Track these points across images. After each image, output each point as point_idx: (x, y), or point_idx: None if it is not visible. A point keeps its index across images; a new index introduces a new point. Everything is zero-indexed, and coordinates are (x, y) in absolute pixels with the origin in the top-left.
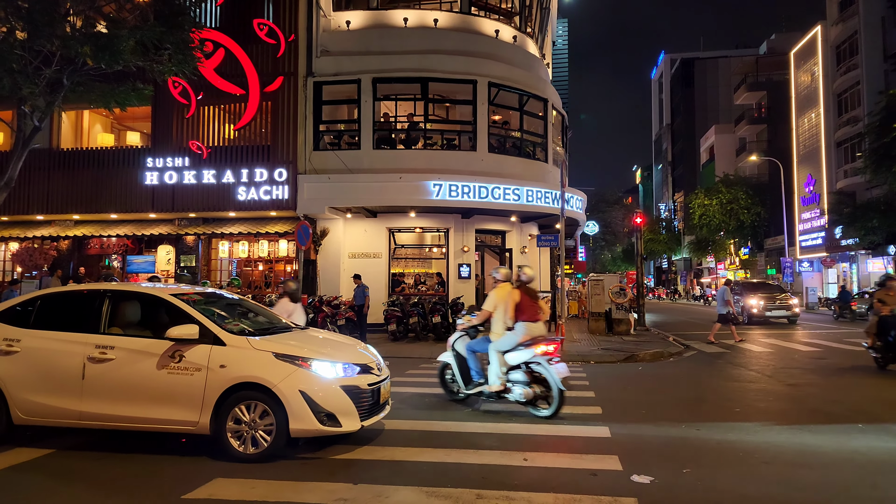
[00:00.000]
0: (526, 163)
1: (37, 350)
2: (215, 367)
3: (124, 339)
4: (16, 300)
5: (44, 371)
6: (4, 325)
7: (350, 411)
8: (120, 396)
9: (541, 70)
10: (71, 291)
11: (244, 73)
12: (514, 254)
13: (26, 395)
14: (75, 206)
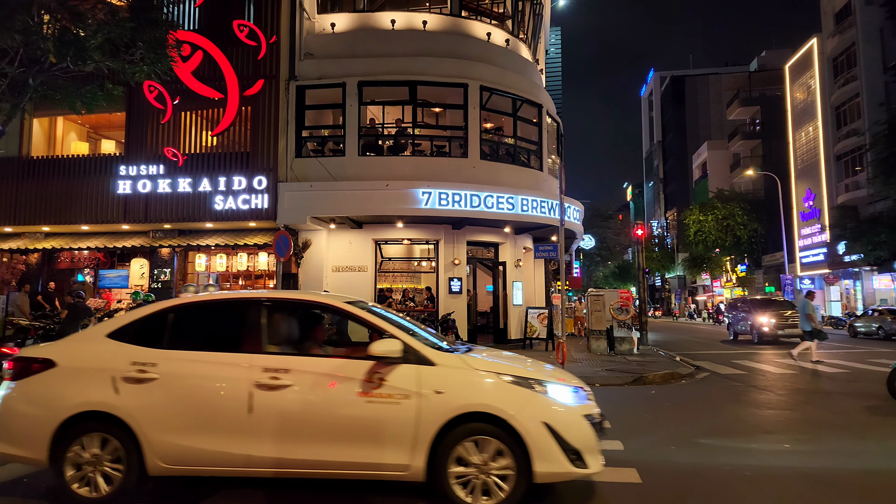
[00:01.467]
0: (520, 171)
1: (181, 377)
2: (429, 393)
3: (302, 360)
4: (138, 312)
5: (193, 404)
6: (132, 346)
7: (594, 447)
8: (302, 434)
9: (534, 75)
10: (216, 301)
11: (223, 77)
12: (508, 267)
13: (168, 437)
14: (45, 217)
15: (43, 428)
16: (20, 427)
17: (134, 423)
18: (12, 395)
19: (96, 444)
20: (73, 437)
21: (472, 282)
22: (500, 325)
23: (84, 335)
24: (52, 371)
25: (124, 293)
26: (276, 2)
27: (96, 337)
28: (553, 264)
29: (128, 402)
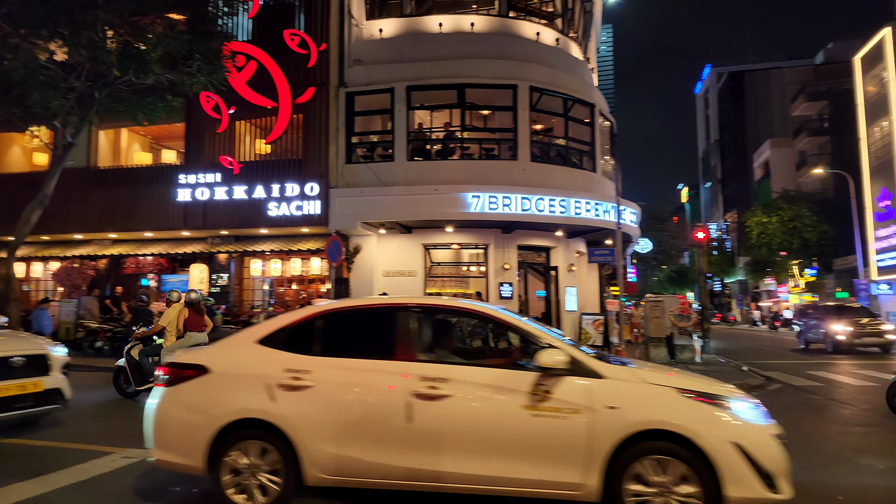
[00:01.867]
0: (572, 172)
1: (336, 385)
2: (601, 407)
3: (460, 369)
4: (286, 318)
5: (350, 413)
6: (284, 353)
7: (784, 470)
8: (465, 447)
9: (586, 74)
10: (365, 307)
11: (275, 86)
12: (561, 272)
13: (326, 446)
14: (112, 224)
15: (200, 435)
16: (177, 434)
17: (291, 431)
18: (168, 402)
19: (253, 452)
20: (229, 444)
21: (523, 287)
22: None
23: (233, 341)
24: (207, 377)
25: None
26: (326, 10)
27: (246, 343)
28: (607, 269)
29: (284, 409)
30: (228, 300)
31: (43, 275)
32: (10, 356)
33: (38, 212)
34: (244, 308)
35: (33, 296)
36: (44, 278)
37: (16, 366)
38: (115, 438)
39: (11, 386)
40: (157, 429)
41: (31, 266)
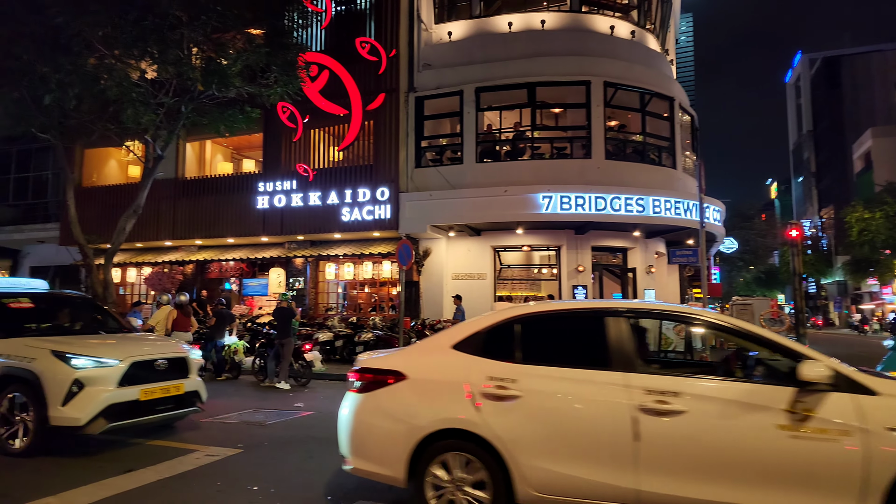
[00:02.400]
0: (650, 169)
1: (548, 395)
2: (878, 429)
3: (697, 383)
4: (481, 323)
5: (567, 426)
6: (484, 359)
7: None
8: (706, 470)
9: (664, 66)
10: (570, 310)
11: (347, 94)
12: (639, 274)
13: (541, 462)
14: (198, 231)
15: (401, 445)
16: (376, 443)
17: (500, 444)
18: (366, 409)
19: (457, 464)
20: (430, 455)
21: (599, 289)
22: None
23: (427, 346)
24: (404, 384)
25: (264, 300)
26: (396, 16)
27: (442, 348)
28: (689, 270)
29: (491, 420)
30: (304, 303)
31: (136, 279)
32: (155, 359)
33: (132, 221)
34: (319, 311)
35: (128, 299)
36: (137, 283)
37: (160, 369)
38: (198, 438)
39: (156, 389)
40: (355, 437)
41: (126, 271)
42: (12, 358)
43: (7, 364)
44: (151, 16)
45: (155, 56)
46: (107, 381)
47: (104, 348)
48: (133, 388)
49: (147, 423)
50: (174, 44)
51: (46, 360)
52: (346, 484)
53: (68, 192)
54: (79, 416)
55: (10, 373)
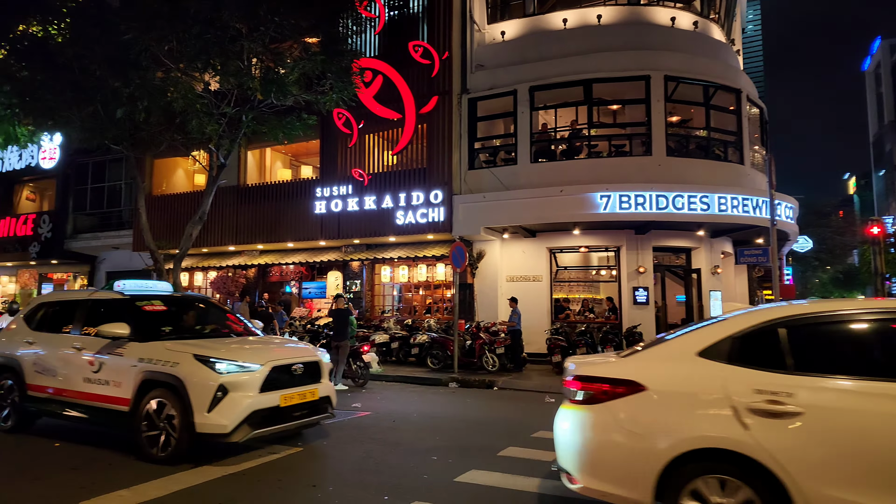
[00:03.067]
0: (715, 165)
1: (840, 412)
2: None
3: None
4: (731, 326)
5: (872, 451)
6: (743, 369)
7: None
8: None
9: (730, 57)
10: (861, 310)
11: (400, 98)
12: (704, 275)
13: (835, 492)
14: (259, 236)
15: (646, 465)
16: (615, 463)
17: (778, 468)
18: (598, 424)
19: (714, 488)
20: (682, 477)
21: (661, 291)
22: None
23: (664, 353)
24: (642, 396)
25: (323, 303)
26: (448, 18)
27: (685, 355)
28: (758, 271)
29: (764, 440)
30: (361, 305)
31: (203, 283)
32: (293, 363)
33: (198, 227)
34: (375, 313)
35: None
36: (204, 286)
37: (296, 373)
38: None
39: (294, 394)
40: (586, 455)
41: (193, 275)
42: (154, 362)
43: (150, 368)
44: (213, 29)
45: (217, 68)
46: (250, 387)
47: (244, 352)
48: (274, 394)
49: (285, 430)
50: (235, 55)
51: (190, 364)
52: (404, 484)
53: (140, 201)
54: (225, 423)
55: (154, 377)
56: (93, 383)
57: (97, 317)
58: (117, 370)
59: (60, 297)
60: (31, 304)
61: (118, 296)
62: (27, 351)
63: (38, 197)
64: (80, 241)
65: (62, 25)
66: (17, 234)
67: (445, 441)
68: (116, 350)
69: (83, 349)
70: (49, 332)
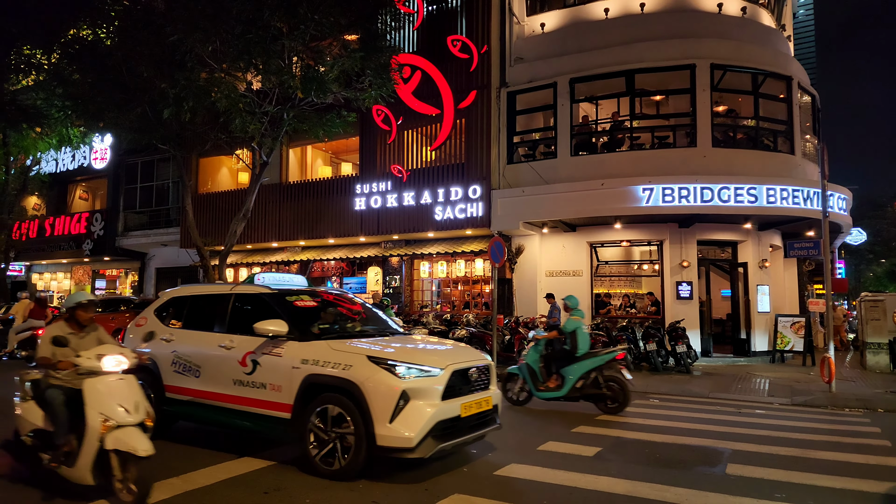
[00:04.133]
0: (764, 156)
1: None
2: None
3: None
4: None
5: None
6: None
7: None
8: None
9: (780, 43)
10: None
11: (439, 93)
12: (751, 269)
13: None
14: (301, 232)
15: None
16: None
17: None
18: None
19: None
20: None
21: (706, 286)
22: (740, 335)
23: None
24: None
25: (364, 297)
26: (487, 12)
27: None
28: (808, 264)
29: None
30: (400, 300)
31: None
32: (469, 367)
33: (242, 224)
34: (414, 308)
35: None
36: None
37: (472, 378)
38: None
39: (472, 403)
40: None
41: (238, 271)
42: (321, 364)
43: (316, 371)
44: (255, 29)
45: (259, 67)
46: (432, 394)
47: (421, 354)
48: (454, 402)
49: (462, 444)
50: (276, 54)
51: (365, 367)
52: (443, 480)
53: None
54: (410, 436)
55: (320, 381)
56: (245, 386)
57: (242, 313)
58: (275, 372)
59: (196, 291)
60: (162, 297)
61: (265, 290)
62: (164, 349)
63: (90, 196)
64: (131, 239)
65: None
66: (72, 232)
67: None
68: (274, 350)
69: (232, 348)
70: (188, 329)
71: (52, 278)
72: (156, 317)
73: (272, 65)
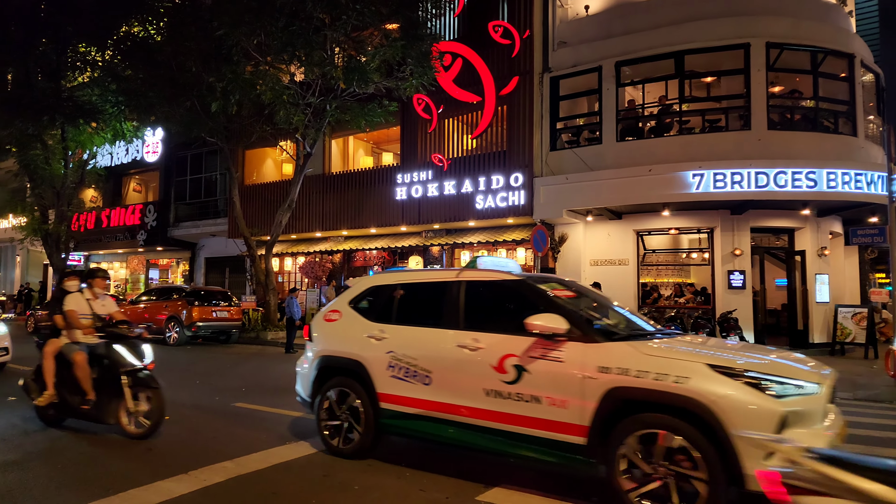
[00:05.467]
0: (823, 138)
1: None
2: None
3: None
4: None
5: None
6: None
7: None
8: None
9: (840, 19)
10: None
11: (480, 80)
12: (809, 257)
13: None
14: (343, 222)
15: None
16: None
17: None
18: None
19: None
20: None
21: (759, 275)
22: (797, 326)
23: None
24: None
25: None
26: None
27: None
28: (871, 252)
29: None
30: None
31: (292, 268)
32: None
33: (287, 214)
34: None
35: (285, 286)
36: (293, 271)
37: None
38: None
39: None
40: None
41: (283, 261)
42: (632, 374)
43: (627, 384)
44: (298, 21)
45: (302, 59)
46: (814, 420)
47: (773, 364)
48: (830, 426)
49: None
50: (318, 45)
51: (712, 380)
52: (489, 472)
53: (233, 191)
54: None
55: (635, 397)
56: (506, 399)
57: (480, 304)
58: (556, 382)
59: (406, 279)
60: (356, 285)
61: (510, 276)
62: (374, 349)
63: (143, 188)
64: (181, 229)
65: (160, 24)
66: (126, 224)
67: None
68: (549, 353)
69: (478, 349)
70: (404, 325)
71: (109, 267)
72: (353, 309)
73: (315, 56)
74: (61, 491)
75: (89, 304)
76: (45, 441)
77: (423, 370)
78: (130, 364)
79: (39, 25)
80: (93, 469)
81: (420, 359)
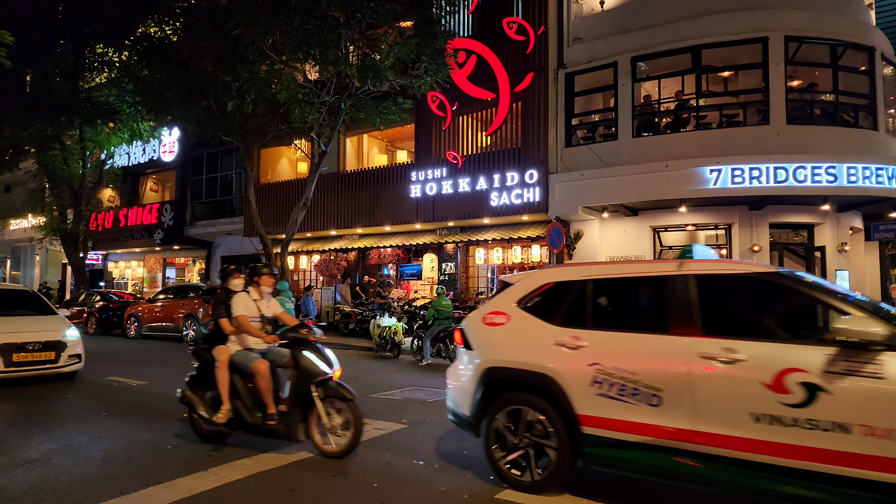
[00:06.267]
0: (843, 132)
1: None
2: None
3: None
4: None
5: None
6: None
7: None
8: None
9: (860, 11)
10: None
11: (494, 77)
12: (829, 253)
13: None
14: (358, 220)
15: None
16: None
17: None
18: None
19: None
20: None
21: None
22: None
23: None
24: None
25: (419, 284)
26: None
27: None
28: (891, 248)
29: None
30: (456, 287)
31: (308, 266)
32: None
33: (302, 213)
34: (470, 294)
35: (301, 284)
36: (308, 269)
37: None
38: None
39: None
40: None
41: (298, 259)
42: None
43: None
44: (312, 20)
45: (317, 57)
46: None
47: None
48: None
49: None
50: (333, 44)
51: None
52: None
53: (249, 189)
54: None
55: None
56: (787, 426)
57: (716, 302)
58: (867, 405)
59: (598, 273)
60: (525, 281)
61: (753, 268)
62: (570, 361)
63: (160, 188)
64: (198, 228)
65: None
66: (144, 223)
67: None
68: (845, 366)
69: (737, 361)
70: (610, 331)
71: (127, 266)
72: (524, 311)
73: (330, 54)
74: None
75: (257, 305)
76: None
77: (647, 388)
78: (322, 372)
79: (58, 27)
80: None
81: (642, 373)
